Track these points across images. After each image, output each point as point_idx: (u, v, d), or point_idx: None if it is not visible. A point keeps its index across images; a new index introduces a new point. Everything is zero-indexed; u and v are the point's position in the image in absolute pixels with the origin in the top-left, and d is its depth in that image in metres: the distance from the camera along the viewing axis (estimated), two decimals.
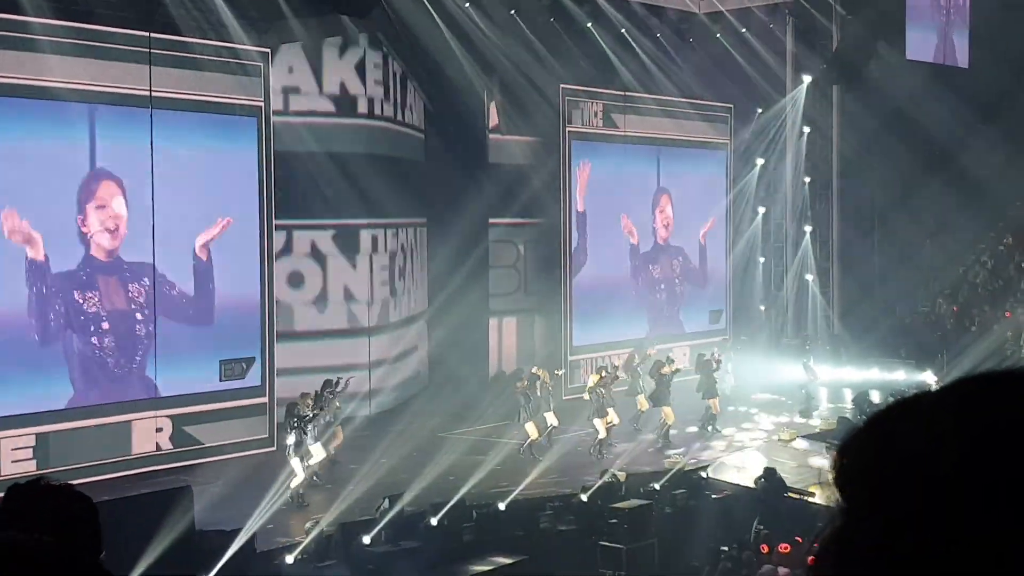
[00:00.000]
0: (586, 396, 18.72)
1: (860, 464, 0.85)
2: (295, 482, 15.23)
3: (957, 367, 22.58)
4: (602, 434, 18.38)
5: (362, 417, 18.97)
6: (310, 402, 16.05)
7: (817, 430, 20.33)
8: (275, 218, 18.26)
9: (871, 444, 0.86)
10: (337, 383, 17.08)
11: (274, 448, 17.29)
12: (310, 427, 15.55)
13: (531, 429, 18.05)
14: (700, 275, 26.72)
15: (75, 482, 2.49)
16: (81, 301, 16.04)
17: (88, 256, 16.14)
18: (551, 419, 18.54)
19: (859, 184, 27.65)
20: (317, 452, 15.81)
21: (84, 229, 16.05)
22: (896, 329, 26.56)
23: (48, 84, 15.35)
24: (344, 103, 20.27)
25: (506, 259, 23.79)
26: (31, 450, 15.25)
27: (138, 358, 16.61)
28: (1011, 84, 28.41)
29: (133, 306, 16.57)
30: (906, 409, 0.86)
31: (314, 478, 16.02)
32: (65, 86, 15.52)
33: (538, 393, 18.40)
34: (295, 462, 15.32)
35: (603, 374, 18.98)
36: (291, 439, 15.37)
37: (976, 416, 0.81)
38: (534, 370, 18.98)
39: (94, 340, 16.17)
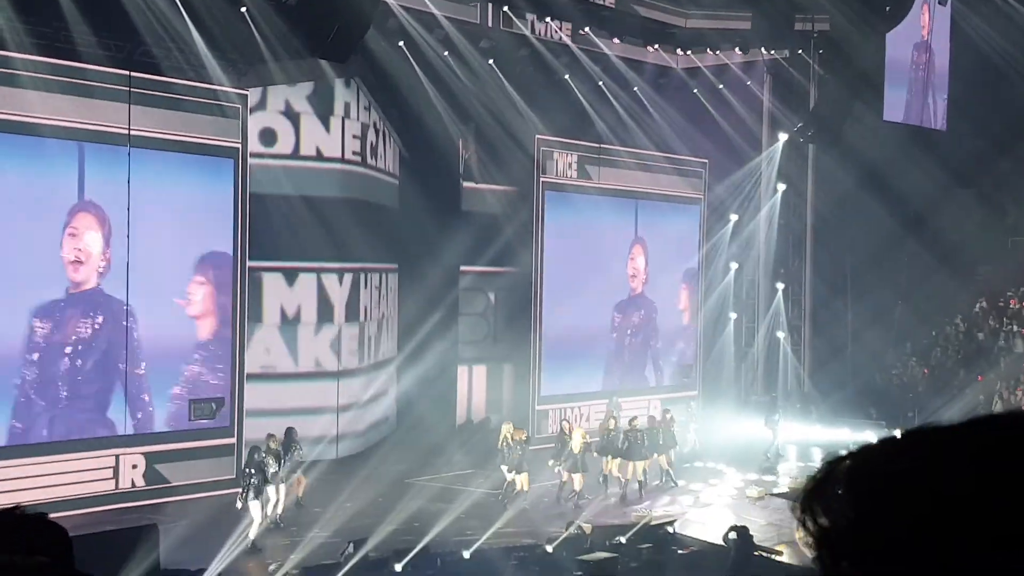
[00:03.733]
0: (576, 451, 18.51)
1: (872, 468, 0.87)
2: (253, 528, 15.02)
3: None
4: (578, 486, 18.28)
5: (328, 461, 18.78)
6: (273, 445, 15.90)
7: (786, 489, 20.22)
8: (248, 259, 18.20)
9: (883, 453, 0.88)
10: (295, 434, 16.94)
11: (240, 489, 17.06)
12: (270, 472, 15.39)
13: (507, 473, 17.93)
14: (670, 329, 26.67)
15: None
16: (50, 332, 15.93)
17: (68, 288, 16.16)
18: (507, 474, 18.28)
19: (833, 243, 27.72)
20: (276, 497, 15.64)
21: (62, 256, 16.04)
22: (867, 389, 26.48)
23: (32, 120, 15.37)
24: (319, 147, 20.31)
25: (476, 307, 23.75)
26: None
27: (108, 394, 16.44)
28: (987, 148, 28.67)
29: (104, 341, 16.43)
30: (919, 433, 0.89)
31: (277, 523, 15.81)
32: (48, 122, 15.53)
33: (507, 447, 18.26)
34: (254, 507, 15.11)
35: (586, 438, 18.81)
36: (251, 483, 15.19)
37: (985, 443, 0.86)
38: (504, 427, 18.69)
39: (63, 373, 16.01)
